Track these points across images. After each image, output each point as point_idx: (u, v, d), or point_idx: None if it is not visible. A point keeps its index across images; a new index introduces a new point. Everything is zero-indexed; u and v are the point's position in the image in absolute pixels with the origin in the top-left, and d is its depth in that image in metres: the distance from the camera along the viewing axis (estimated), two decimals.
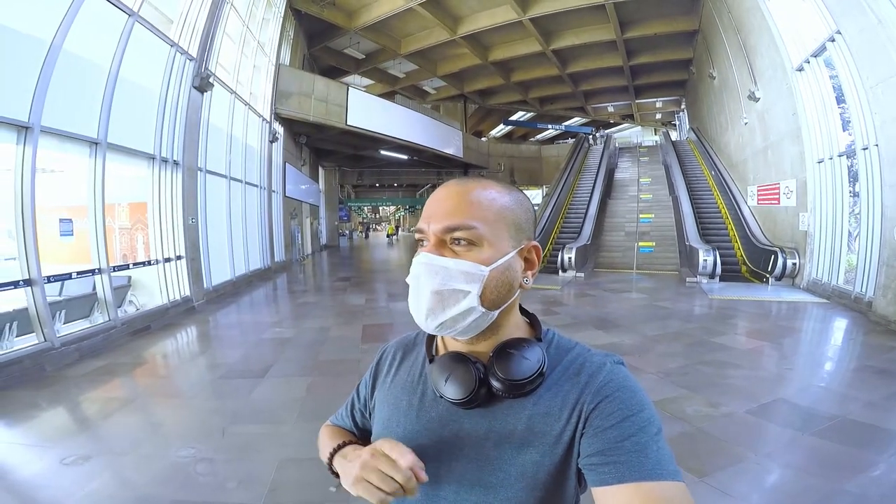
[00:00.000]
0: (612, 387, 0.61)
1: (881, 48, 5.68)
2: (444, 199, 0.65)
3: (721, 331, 5.75)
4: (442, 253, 0.63)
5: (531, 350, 0.64)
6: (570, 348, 0.69)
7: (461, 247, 0.63)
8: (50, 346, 4.56)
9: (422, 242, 0.66)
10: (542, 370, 0.63)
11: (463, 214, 0.62)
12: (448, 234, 0.63)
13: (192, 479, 2.56)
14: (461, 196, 0.64)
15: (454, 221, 0.62)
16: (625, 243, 12.76)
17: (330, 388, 4.02)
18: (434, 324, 0.63)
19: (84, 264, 5.59)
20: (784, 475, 2.53)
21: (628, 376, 0.63)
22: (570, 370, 0.65)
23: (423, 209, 0.68)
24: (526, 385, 0.62)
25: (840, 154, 7.64)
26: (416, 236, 0.67)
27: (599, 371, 0.63)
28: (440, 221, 0.63)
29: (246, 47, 10.77)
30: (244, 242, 10.60)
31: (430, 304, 0.62)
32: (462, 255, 0.62)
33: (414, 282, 0.64)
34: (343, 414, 0.87)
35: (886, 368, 4.21)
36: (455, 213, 0.63)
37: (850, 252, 7.67)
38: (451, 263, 0.62)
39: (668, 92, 23.70)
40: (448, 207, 0.63)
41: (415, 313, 0.65)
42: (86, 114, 5.46)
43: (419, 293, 0.63)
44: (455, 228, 0.62)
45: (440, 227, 0.63)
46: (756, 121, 10.90)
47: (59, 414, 3.60)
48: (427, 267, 0.62)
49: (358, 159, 22.38)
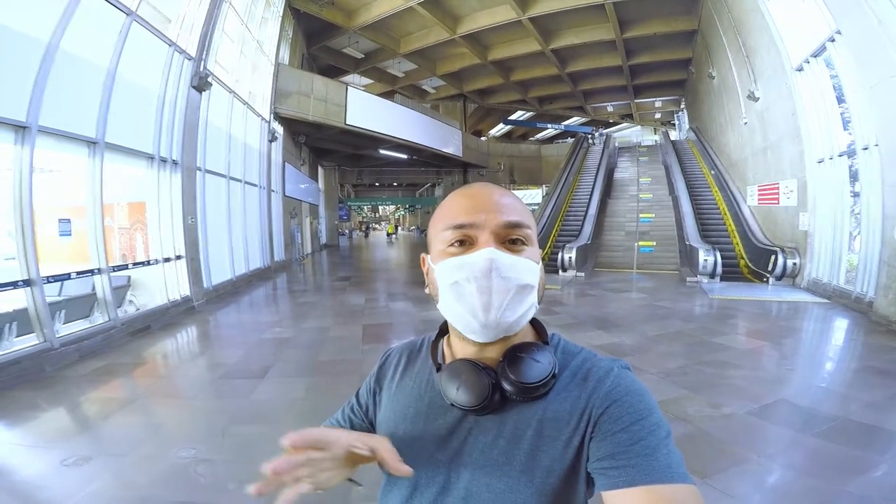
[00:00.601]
0: (621, 391, 0.61)
1: (881, 48, 5.66)
2: (487, 195, 0.64)
3: (721, 331, 5.75)
4: (505, 250, 0.61)
5: (541, 353, 0.64)
6: (576, 353, 0.69)
7: (516, 244, 0.63)
8: (49, 346, 4.55)
9: (460, 242, 0.62)
10: (554, 372, 0.63)
11: (515, 212, 0.63)
12: (510, 230, 0.62)
13: (193, 480, 2.55)
14: (503, 195, 0.65)
15: (513, 217, 0.63)
16: (625, 243, 12.77)
17: (330, 388, 4.02)
18: (505, 322, 0.61)
19: (83, 264, 5.57)
20: (786, 476, 2.53)
21: (635, 381, 0.63)
22: (577, 375, 0.65)
23: (453, 204, 0.65)
24: (539, 388, 0.62)
25: (840, 154, 7.65)
26: (449, 236, 0.63)
27: (607, 376, 0.63)
28: (498, 216, 0.62)
29: (245, 46, 10.75)
30: (244, 242, 10.58)
31: (504, 301, 0.60)
32: (517, 252, 0.62)
33: (480, 280, 0.60)
34: (339, 417, 0.85)
35: (887, 369, 4.21)
36: (510, 210, 0.63)
37: (851, 252, 7.67)
38: (520, 260, 0.62)
39: (668, 92, 23.72)
40: (500, 203, 0.63)
41: (476, 313, 0.61)
42: (84, 113, 5.44)
43: (489, 291, 0.60)
44: (518, 225, 0.62)
45: (502, 222, 0.62)
46: (756, 120, 10.91)
47: (60, 415, 3.59)
48: (500, 262, 0.60)
49: (357, 158, 22.38)
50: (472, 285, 0.60)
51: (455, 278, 0.61)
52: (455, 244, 0.63)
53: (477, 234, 0.62)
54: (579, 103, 26.21)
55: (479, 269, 0.60)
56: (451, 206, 0.65)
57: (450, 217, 0.64)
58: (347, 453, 0.58)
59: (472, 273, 0.60)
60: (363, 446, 0.58)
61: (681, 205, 12.38)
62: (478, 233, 0.62)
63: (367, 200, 41.30)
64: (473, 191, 0.65)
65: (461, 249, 0.62)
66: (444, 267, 0.63)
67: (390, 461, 0.58)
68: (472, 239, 0.62)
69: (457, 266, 0.61)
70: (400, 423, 0.71)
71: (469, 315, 0.61)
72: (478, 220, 0.62)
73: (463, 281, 0.61)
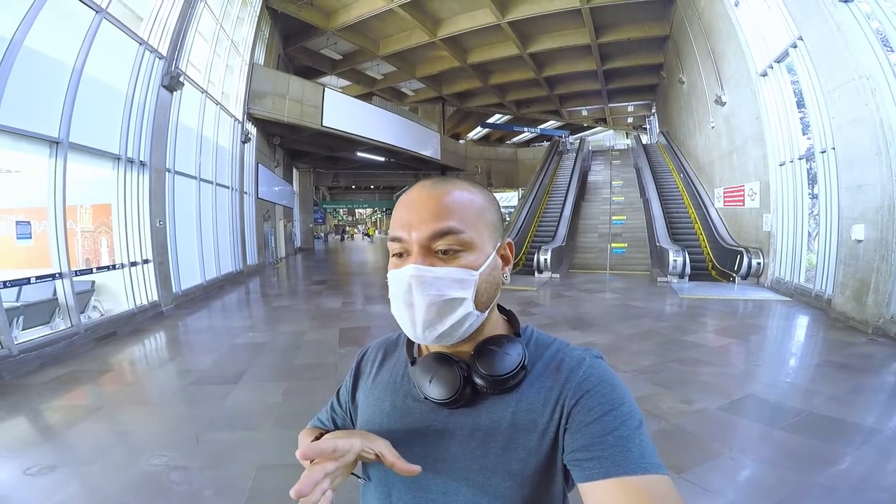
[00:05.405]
0: (593, 381, 0.61)
1: (839, 54, 5.93)
2: (421, 203, 0.62)
3: (692, 329, 5.92)
4: (431, 263, 0.60)
5: (511, 346, 0.64)
6: (549, 344, 0.69)
7: (448, 254, 0.61)
8: (7, 353, 4.34)
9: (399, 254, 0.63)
10: (523, 363, 0.63)
11: (447, 218, 0.60)
12: (434, 241, 0.60)
13: (166, 488, 2.47)
14: (439, 199, 0.61)
15: (440, 226, 0.60)
16: (598, 244, 13.01)
17: (307, 392, 3.95)
18: (433, 335, 0.61)
19: (44, 269, 5.33)
20: (758, 469, 2.61)
21: (608, 370, 0.63)
22: (550, 366, 0.65)
23: (395, 214, 0.64)
24: (509, 380, 0.62)
25: (800, 157, 7.99)
26: (392, 247, 0.63)
27: (579, 366, 0.63)
28: (424, 228, 0.60)
29: (219, 46, 10.51)
30: (215, 245, 10.30)
31: (427, 316, 0.60)
32: (449, 261, 0.61)
33: (404, 296, 0.61)
34: (324, 418, 0.86)
35: (847, 363, 4.42)
36: (438, 218, 0.60)
37: (810, 251, 8.02)
38: (444, 272, 0.60)
39: (640, 96, 24.32)
40: (430, 212, 0.60)
41: (407, 327, 0.63)
42: (47, 112, 5.22)
43: (412, 307, 0.61)
44: (442, 234, 0.60)
45: (425, 235, 0.60)
46: (722, 124, 11.29)
47: (20, 423, 3.42)
48: (418, 279, 0.59)
49: (333, 161, 22.13)
50: (400, 300, 0.62)
51: (393, 291, 0.63)
52: (395, 256, 0.64)
53: (409, 247, 0.62)
54: (555, 107, 26.60)
55: (403, 286, 0.61)
56: (395, 215, 0.64)
57: (392, 227, 0.64)
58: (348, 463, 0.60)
59: (399, 289, 0.61)
60: (370, 451, 0.60)
61: (651, 207, 12.69)
62: (409, 246, 0.62)
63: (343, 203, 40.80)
64: (411, 196, 0.64)
65: (399, 262, 0.63)
66: (389, 279, 0.64)
67: (398, 464, 0.59)
68: (408, 251, 0.62)
69: (392, 280, 0.63)
70: (377, 418, 0.71)
71: (403, 326, 0.64)
72: (406, 235, 0.61)
73: (395, 295, 0.62)
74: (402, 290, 0.61)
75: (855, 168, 6.01)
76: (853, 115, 5.87)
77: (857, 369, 4.24)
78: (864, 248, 5.81)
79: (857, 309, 5.85)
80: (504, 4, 14.77)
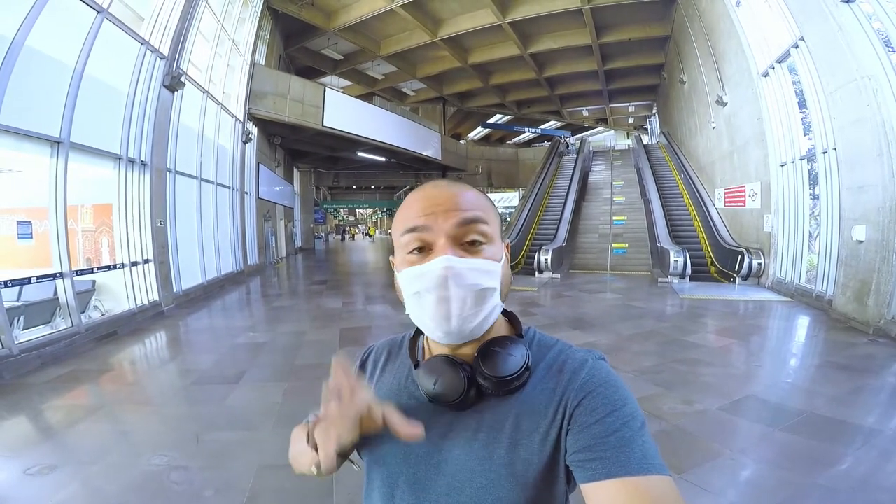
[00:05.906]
0: (595, 382, 0.61)
1: (840, 54, 5.91)
2: (442, 196, 0.62)
3: (693, 329, 5.91)
4: (463, 253, 0.61)
5: (515, 347, 0.64)
6: (551, 345, 0.69)
7: (474, 245, 0.62)
8: (8, 353, 4.34)
9: (419, 249, 0.62)
10: (527, 365, 0.63)
11: (473, 208, 0.62)
12: (465, 229, 0.61)
13: (167, 488, 2.47)
14: (459, 193, 0.63)
15: (470, 214, 0.61)
16: (599, 245, 13.00)
17: (307, 392, 3.94)
18: (468, 328, 0.61)
19: (44, 268, 5.33)
20: (758, 470, 2.61)
21: (610, 372, 0.63)
22: (553, 367, 0.65)
23: (412, 206, 0.63)
24: (513, 381, 0.62)
25: (801, 158, 7.98)
26: (407, 240, 0.62)
27: (582, 367, 0.63)
28: (452, 216, 0.61)
29: (220, 46, 10.52)
30: (216, 245, 10.31)
31: (463, 308, 0.60)
32: (476, 253, 0.62)
33: (437, 290, 0.60)
34: None
35: (848, 364, 4.41)
36: (465, 208, 0.62)
37: (811, 252, 8.01)
38: (477, 263, 0.61)
39: (641, 97, 24.30)
40: (454, 202, 0.62)
41: (438, 322, 0.61)
42: (48, 112, 5.23)
43: (447, 301, 0.60)
44: (474, 220, 0.61)
45: (456, 221, 0.61)
46: (723, 125, 11.28)
47: (21, 423, 3.43)
48: (454, 270, 0.59)
49: (334, 161, 22.15)
50: (431, 295, 0.60)
51: (416, 288, 0.61)
52: (414, 251, 0.62)
53: (433, 239, 0.61)
54: (556, 108, 26.60)
55: (436, 279, 0.59)
56: (407, 208, 0.64)
57: (406, 219, 0.63)
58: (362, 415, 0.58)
59: (431, 283, 0.60)
60: (378, 409, 0.58)
61: (652, 207, 12.69)
62: (434, 237, 0.61)
63: (343, 203, 40.79)
64: (427, 191, 0.64)
65: (419, 257, 0.62)
66: (406, 276, 0.63)
67: (399, 426, 0.58)
68: (429, 244, 0.62)
69: (416, 276, 0.61)
70: None
71: (432, 323, 0.62)
72: (432, 223, 0.61)
73: (423, 291, 0.61)
74: (433, 284, 0.60)
75: (856, 169, 6.01)
76: (855, 115, 5.86)
77: (857, 370, 4.23)
78: (866, 249, 5.80)
79: (858, 310, 5.84)
80: (505, 4, 14.77)
